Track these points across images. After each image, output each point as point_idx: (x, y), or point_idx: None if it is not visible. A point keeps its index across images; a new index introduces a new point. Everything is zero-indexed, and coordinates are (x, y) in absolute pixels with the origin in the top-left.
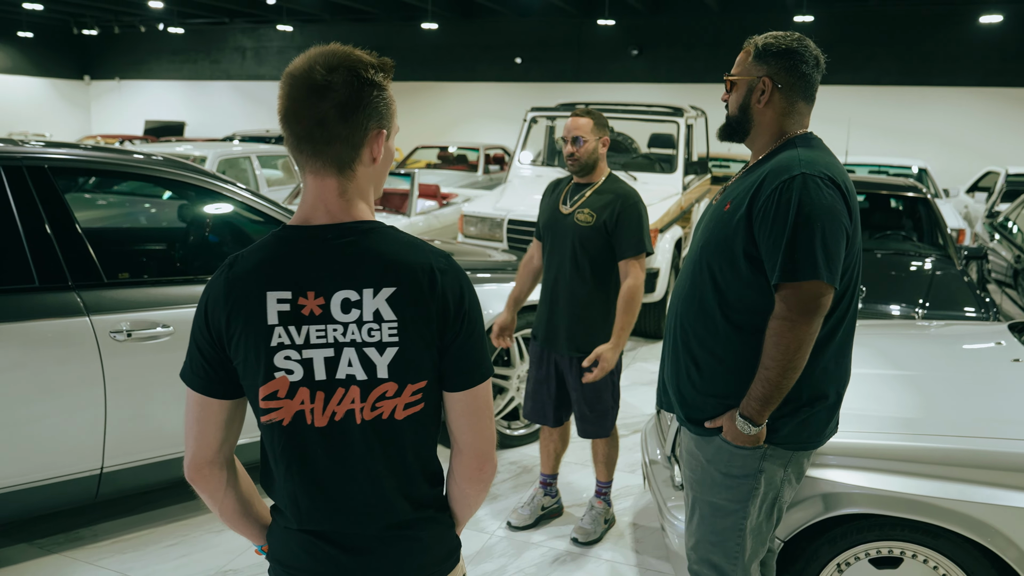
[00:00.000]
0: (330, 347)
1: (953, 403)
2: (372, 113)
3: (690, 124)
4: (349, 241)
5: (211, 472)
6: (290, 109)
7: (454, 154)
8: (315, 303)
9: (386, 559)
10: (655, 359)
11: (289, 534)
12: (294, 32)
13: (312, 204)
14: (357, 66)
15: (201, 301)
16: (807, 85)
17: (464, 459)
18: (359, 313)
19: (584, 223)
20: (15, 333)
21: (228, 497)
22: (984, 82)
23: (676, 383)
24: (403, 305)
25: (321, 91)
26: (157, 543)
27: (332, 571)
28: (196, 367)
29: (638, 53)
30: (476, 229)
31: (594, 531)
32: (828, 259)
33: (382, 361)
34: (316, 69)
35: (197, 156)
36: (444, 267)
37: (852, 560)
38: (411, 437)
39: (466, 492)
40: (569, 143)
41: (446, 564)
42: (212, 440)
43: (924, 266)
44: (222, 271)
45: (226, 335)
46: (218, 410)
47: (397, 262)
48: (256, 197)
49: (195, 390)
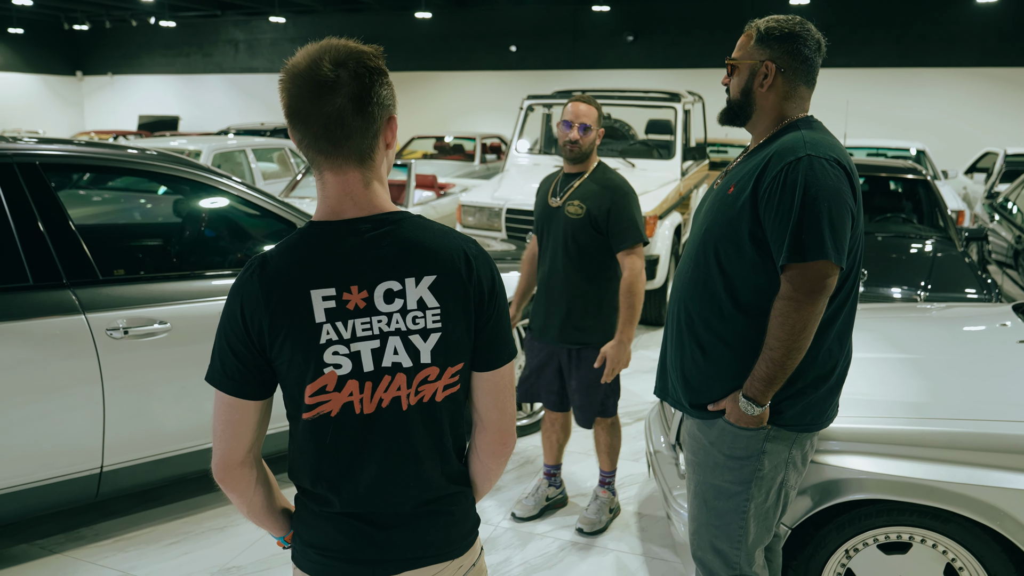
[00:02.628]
0: (376, 338)
1: (960, 386)
2: (383, 101)
3: (687, 109)
4: (384, 232)
5: (242, 472)
6: (302, 108)
7: (450, 144)
8: (359, 297)
9: (420, 533)
10: (657, 346)
11: (324, 518)
12: (287, 24)
13: (338, 198)
14: (362, 57)
15: (233, 304)
16: (809, 69)
17: (488, 435)
18: (403, 303)
19: (574, 215)
20: (10, 332)
21: (257, 494)
22: (982, 62)
23: (681, 367)
24: (445, 291)
25: (332, 87)
26: (159, 541)
27: (368, 548)
28: (230, 370)
29: (633, 39)
30: (474, 219)
31: (599, 521)
32: (835, 239)
33: (426, 347)
34: (323, 66)
35: (192, 150)
36: (476, 252)
37: (860, 546)
38: (448, 417)
39: (488, 467)
40: (575, 129)
41: (471, 537)
42: (244, 441)
43: (925, 248)
44: (253, 272)
45: (269, 337)
46: (252, 411)
47: (435, 250)
48: (252, 191)
49: (229, 393)
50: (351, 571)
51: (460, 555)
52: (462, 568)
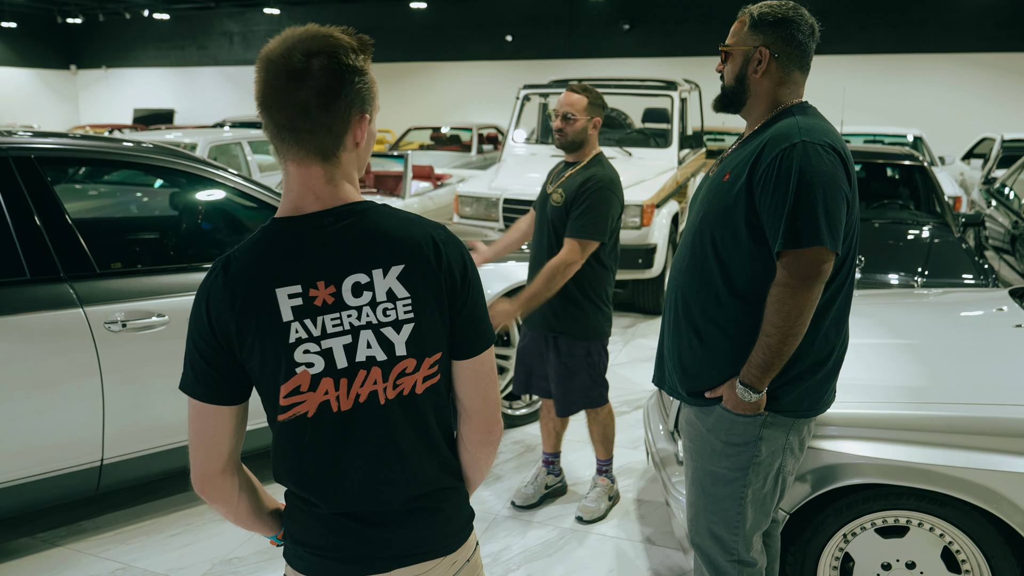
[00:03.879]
0: (347, 333)
1: (957, 371)
2: (354, 99)
3: (684, 98)
4: (347, 224)
5: (223, 481)
6: (269, 96)
7: (447, 135)
8: (326, 292)
9: (410, 530)
10: (654, 335)
11: (312, 517)
12: (281, 15)
13: (300, 192)
14: (337, 51)
15: (198, 307)
16: (803, 54)
17: (473, 424)
18: (371, 295)
19: (556, 203)
20: (8, 326)
21: (242, 501)
22: (978, 48)
23: (678, 355)
24: (414, 280)
25: (301, 78)
26: (160, 533)
27: (358, 546)
28: (201, 376)
29: (629, 28)
30: (471, 209)
31: (598, 509)
32: (831, 225)
33: (399, 339)
34: (295, 55)
35: (188, 143)
36: (444, 238)
37: (858, 530)
38: (431, 408)
39: (476, 456)
40: (559, 118)
41: (464, 532)
42: (223, 449)
43: (922, 234)
44: (217, 275)
45: (237, 340)
46: (227, 417)
47: (401, 239)
48: (248, 183)
49: (202, 400)
50: (342, 569)
51: (453, 551)
52: (456, 564)
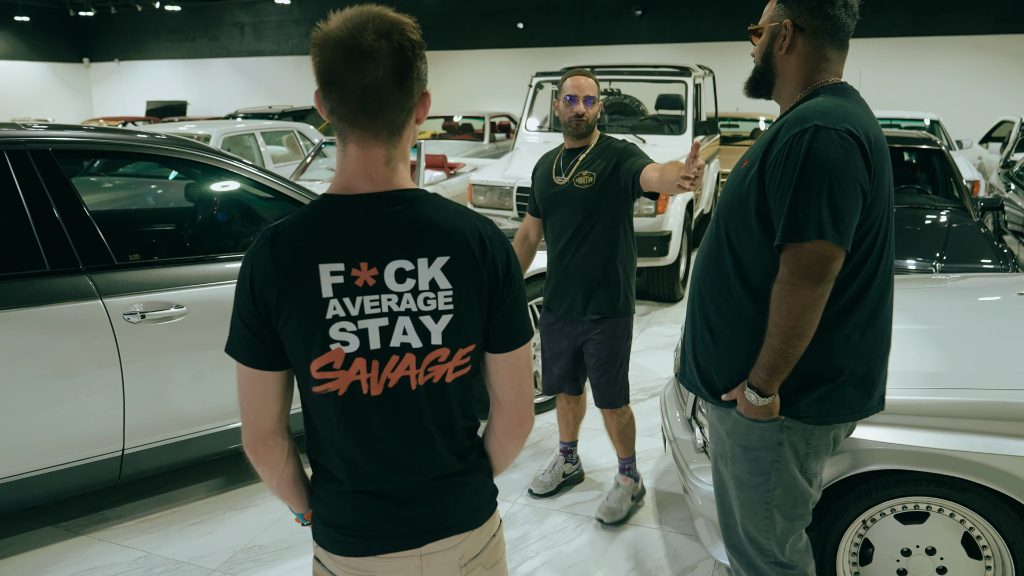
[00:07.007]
0: (384, 316)
1: (977, 356)
2: (422, 75)
3: (698, 84)
4: (398, 210)
5: (274, 442)
6: (337, 77)
7: (459, 123)
8: (368, 274)
9: (438, 505)
10: (670, 323)
11: (339, 497)
12: (292, 5)
13: (354, 172)
14: (405, 29)
15: (243, 275)
16: (835, 29)
17: (505, 416)
18: (414, 283)
19: (586, 185)
20: (29, 318)
21: (288, 467)
22: (996, 29)
23: (693, 351)
24: (458, 273)
25: (374, 58)
26: (181, 522)
27: (386, 523)
28: (245, 342)
29: (641, 14)
30: (485, 198)
31: (619, 510)
32: (835, 218)
33: (437, 328)
34: (367, 34)
35: (201, 135)
36: (491, 234)
37: (878, 516)
38: (457, 396)
39: (505, 446)
40: (580, 102)
41: (488, 508)
42: (271, 411)
43: (940, 219)
44: (264, 244)
45: (276, 310)
46: (272, 382)
47: (449, 230)
48: (264, 174)
49: (247, 364)
50: (372, 547)
51: (479, 525)
52: (482, 538)
